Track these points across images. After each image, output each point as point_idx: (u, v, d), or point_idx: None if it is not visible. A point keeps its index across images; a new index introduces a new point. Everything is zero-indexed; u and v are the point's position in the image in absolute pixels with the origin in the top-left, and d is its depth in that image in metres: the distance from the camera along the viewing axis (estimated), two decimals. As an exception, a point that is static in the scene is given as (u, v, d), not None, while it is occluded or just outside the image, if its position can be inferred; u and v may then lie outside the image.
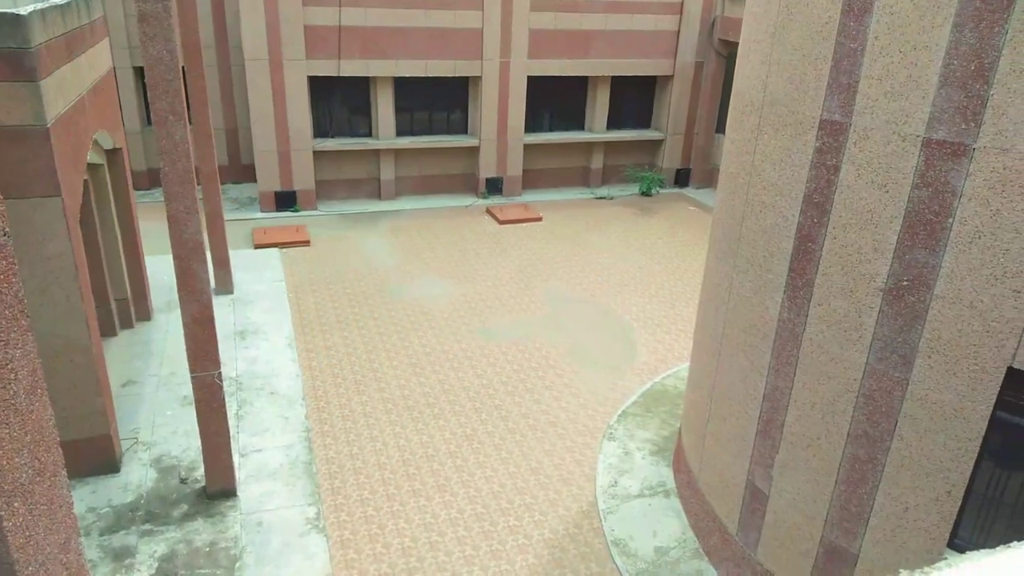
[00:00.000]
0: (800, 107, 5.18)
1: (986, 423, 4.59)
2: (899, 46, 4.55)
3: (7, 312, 1.58)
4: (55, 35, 7.42)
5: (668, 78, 18.90)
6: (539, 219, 16.80)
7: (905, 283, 4.71)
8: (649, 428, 9.30)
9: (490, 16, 16.61)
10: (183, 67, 8.99)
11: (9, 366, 1.56)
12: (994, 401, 4.53)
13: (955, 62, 4.30)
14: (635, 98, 19.44)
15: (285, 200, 16.54)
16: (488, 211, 17.19)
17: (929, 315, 4.63)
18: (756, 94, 5.72)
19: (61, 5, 7.81)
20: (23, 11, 6.75)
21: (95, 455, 7.89)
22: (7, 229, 1.70)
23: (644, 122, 19.84)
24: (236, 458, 8.23)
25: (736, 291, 6.21)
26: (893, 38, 4.58)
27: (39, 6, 7.26)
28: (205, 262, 6.65)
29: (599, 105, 18.83)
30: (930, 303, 4.62)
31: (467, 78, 17.48)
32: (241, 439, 8.69)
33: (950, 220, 4.43)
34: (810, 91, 5.07)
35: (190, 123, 8.13)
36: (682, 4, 18.00)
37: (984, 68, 4.18)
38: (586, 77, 18.56)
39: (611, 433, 9.15)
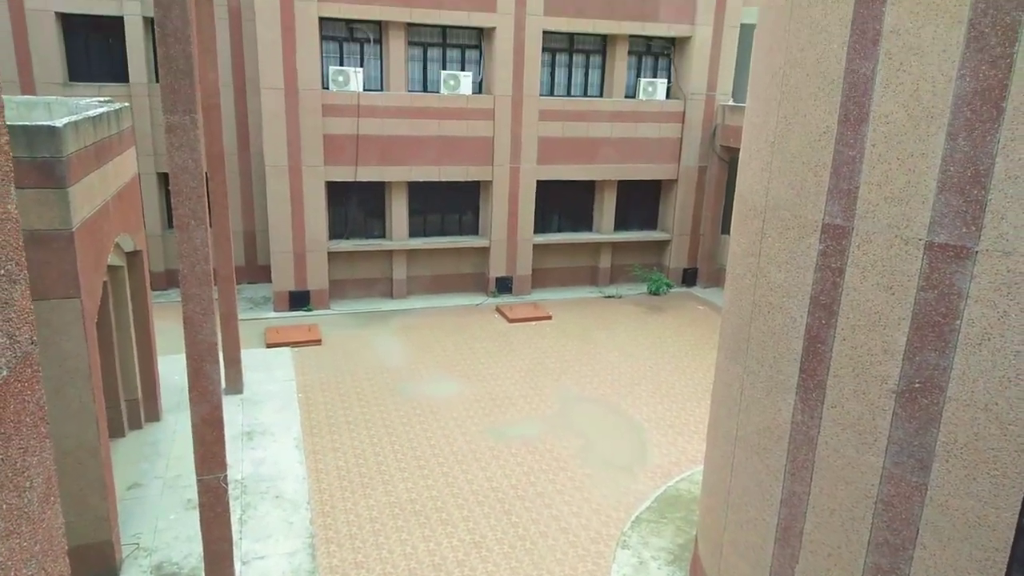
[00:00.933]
0: (802, 211, 5.32)
1: (1013, 531, 4.44)
2: (896, 154, 4.71)
3: (28, 419, 1.62)
4: (86, 144, 7.80)
5: (672, 182, 19.44)
6: (548, 317, 16.90)
7: (917, 385, 4.67)
8: (664, 535, 8.99)
9: (501, 126, 17.33)
10: (206, 173, 9.37)
11: (25, 474, 1.58)
12: (1019, 507, 4.40)
13: (951, 168, 4.44)
14: (641, 200, 19.94)
15: (299, 300, 16.77)
16: (498, 309, 17.33)
17: (944, 418, 4.57)
18: (758, 199, 5.88)
19: (94, 117, 8.26)
20: (59, 123, 7.14)
21: (94, 561, 7.68)
22: (35, 338, 1.76)
23: (651, 223, 20.26)
24: (238, 565, 7.98)
25: (748, 392, 6.17)
26: (890, 146, 4.75)
27: (73, 118, 7.68)
28: (217, 363, 6.70)
29: (606, 207, 19.30)
30: (944, 405, 4.57)
31: (478, 182, 18.05)
32: (244, 545, 8.46)
33: (958, 322, 4.45)
34: (811, 196, 5.21)
35: (210, 226, 8.39)
36: (683, 113, 18.76)
37: (980, 174, 4.31)
38: (593, 181, 19.13)
39: (624, 541, 8.85)
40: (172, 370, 12.39)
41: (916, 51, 4.53)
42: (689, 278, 20.08)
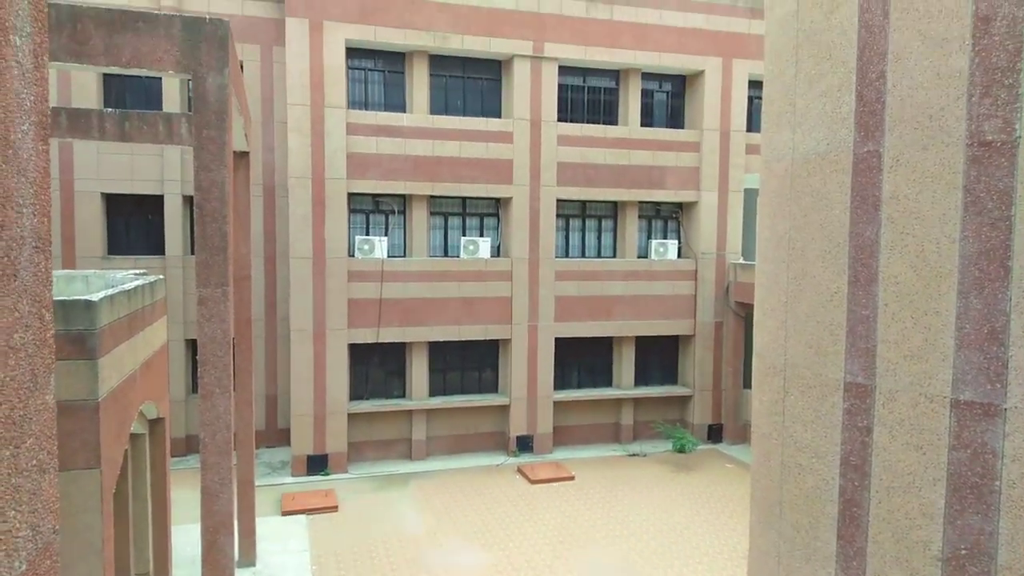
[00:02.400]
0: (822, 370, 5.32)
1: None
2: (910, 312, 4.79)
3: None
4: (119, 316, 8.11)
5: (690, 337, 19.56)
6: (571, 478, 16.40)
7: (963, 552, 4.43)
8: None
9: (518, 286, 17.83)
10: (233, 339, 9.62)
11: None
12: None
13: (967, 326, 4.49)
14: (660, 355, 19.97)
15: (317, 464, 16.50)
16: (519, 470, 16.89)
17: (999, 587, 4.29)
18: (777, 357, 5.91)
19: (129, 290, 8.64)
20: (95, 297, 7.47)
21: None
22: (57, 526, 1.78)
23: (671, 378, 20.15)
24: None
25: (785, 562, 5.85)
26: (903, 305, 4.83)
27: (109, 291, 8.04)
28: (232, 535, 6.53)
29: (625, 362, 19.31)
30: (996, 574, 4.31)
31: (497, 341, 18.27)
32: None
33: (997, 483, 4.30)
34: (830, 355, 5.24)
35: (233, 391, 8.49)
36: (696, 271, 19.24)
37: (997, 331, 4.34)
38: (611, 337, 19.29)
39: None
40: (185, 541, 12.01)
41: (917, 216, 4.73)
42: (714, 434, 19.62)
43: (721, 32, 18.94)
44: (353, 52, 17.04)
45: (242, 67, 16.52)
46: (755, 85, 19.21)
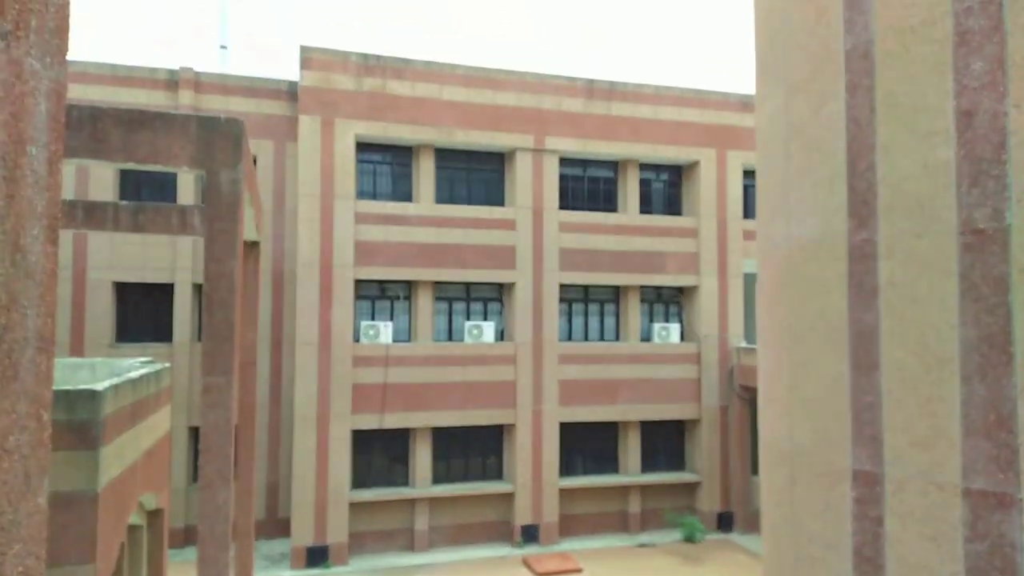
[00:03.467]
0: (830, 457, 5.23)
1: None
2: (914, 399, 4.75)
3: None
4: (123, 405, 8.08)
5: (696, 421, 19.29)
6: (579, 570, 15.82)
7: (989, 652, 4.23)
8: None
9: (522, 370, 17.75)
10: (236, 425, 9.54)
11: None
12: None
13: (973, 413, 4.44)
14: (666, 440, 19.63)
15: (317, 556, 16.00)
16: (525, 561, 16.32)
17: None
18: (783, 445, 5.82)
19: (135, 379, 8.65)
20: (99, 387, 7.47)
21: None
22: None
23: (678, 464, 19.73)
24: None
25: (802, 661, 5.58)
26: (906, 391, 4.80)
27: (114, 381, 8.05)
28: (226, 635, 6.29)
29: (631, 448, 18.97)
30: (1024, 676, 4.09)
31: (502, 426, 18.04)
32: None
33: (1017, 577, 4.15)
34: (836, 442, 5.16)
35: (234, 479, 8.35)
36: (699, 355, 19.17)
37: (1004, 419, 4.29)
38: (616, 422, 19.04)
39: None
40: (177, 641, 11.52)
41: (915, 302, 4.77)
42: (725, 523, 19.04)
43: (714, 125, 19.57)
44: (362, 146, 17.63)
45: (256, 161, 17.08)
46: (749, 174, 19.69)
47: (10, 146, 1.30)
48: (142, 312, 17.99)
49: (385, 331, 17.07)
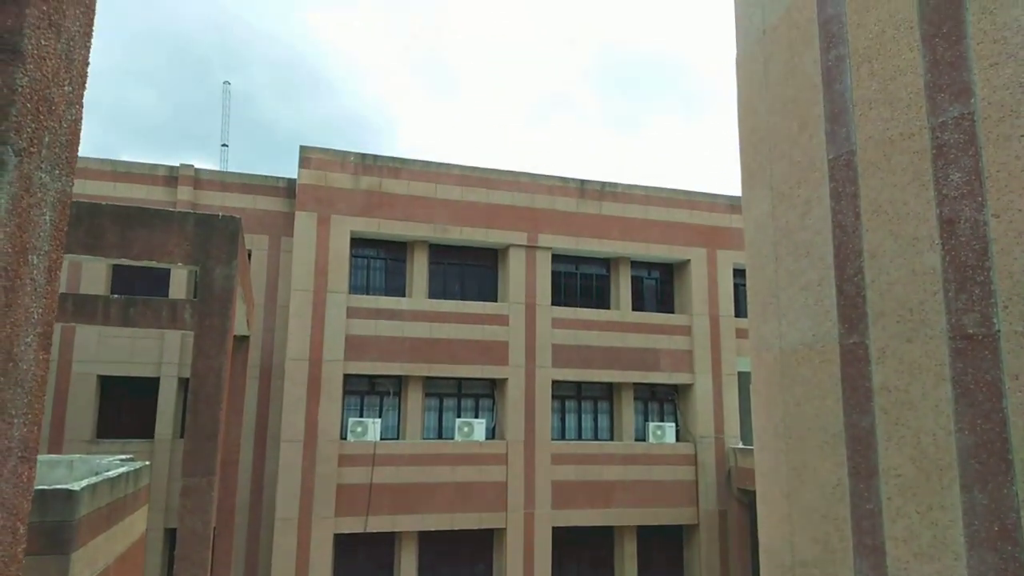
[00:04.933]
0: (832, 569, 5.05)
1: None
2: (915, 506, 4.64)
3: None
4: (99, 507, 7.79)
5: (694, 527, 18.71)
6: None
7: None
8: None
9: (514, 470, 17.34)
10: (214, 528, 9.17)
11: None
12: None
13: (976, 523, 4.33)
14: (664, 547, 18.96)
15: (292, 672, 15.06)
16: None
17: None
18: (784, 555, 5.63)
19: (113, 478, 8.38)
20: (76, 487, 7.22)
21: None
22: None
23: (677, 573, 18.98)
24: None
25: None
26: (906, 499, 4.70)
27: (92, 480, 7.78)
28: None
29: (627, 556, 18.29)
30: None
31: (492, 531, 17.42)
32: None
33: None
34: (838, 552, 5.00)
35: (208, 591, 7.94)
36: (695, 456, 18.83)
37: (1008, 530, 4.18)
38: (611, 527, 18.44)
39: None
40: None
41: (910, 407, 4.74)
42: (726, 636, 18.15)
43: (704, 225, 20.04)
44: (357, 241, 17.88)
45: (250, 255, 17.24)
46: (740, 274, 19.99)
47: (12, 256, 1.31)
48: (125, 407, 17.64)
49: (373, 428, 16.75)
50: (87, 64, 1.61)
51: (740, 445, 18.87)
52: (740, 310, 20.12)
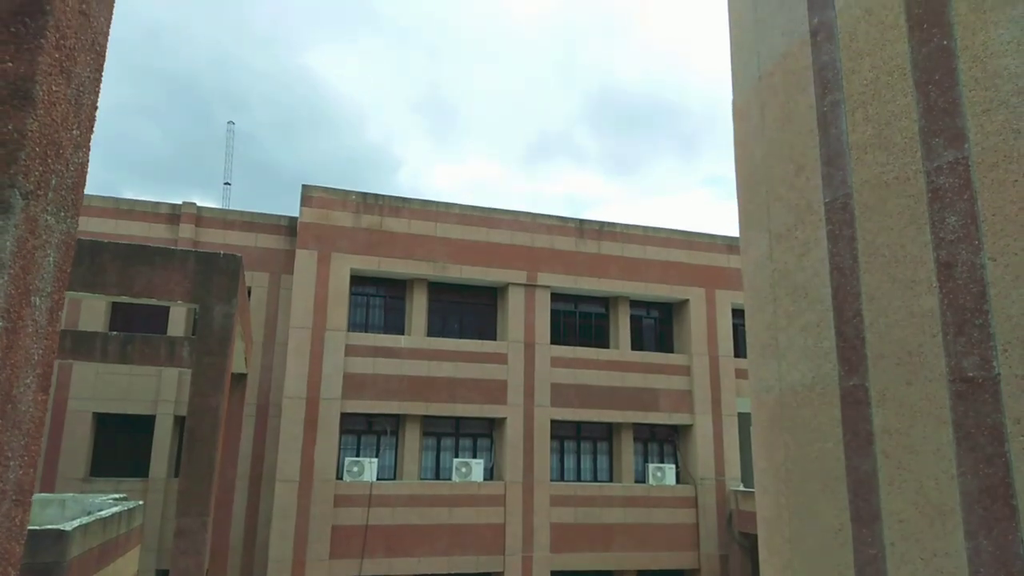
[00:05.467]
0: (837, 616, 4.95)
1: None
2: (918, 552, 4.57)
3: None
4: (91, 547, 7.66)
5: (695, 572, 18.37)
6: None
7: None
8: None
9: (512, 512, 17.10)
10: (207, 570, 9.00)
11: None
12: None
13: (982, 570, 4.26)
14: (665, 592, 18.61)
15: None
16: None
17: None
18: (788, 601, 5.52)
19: (106, 518, 8.26)
20: (68, 527, 7.12)
21: None
22: None
23: (678, 619, 18.60)
24: None
25: None
26: (909, 545, 4.63)
27: (84, 520, 7.68)
28: None
29: (628, 600, 17.95)
30: None
31: (489, 575, 17.10)
32: None
33: None
34: (842, 599, 4.91)
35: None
36: (696, 499, 18.59)
37: (1014, 576, 4.11)
38: (611, 572, 18.10)
39: None
40: None
41: (911, 450, 4.70)
42: None
43: (702, 265, 20.11)
44: (357, 279, 17.92)
45: (250, 292, 17.26)
46: (739, 314, 20.00)
47: (16, 298, 1.31)
48: (120, 445, 17.47)
49: (370, 468, 16.56)
50: (95, 108, 1.64)
51: (741, 487, 18.64)
52: (740, 350, 20.06)
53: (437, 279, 18.27)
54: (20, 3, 1.39)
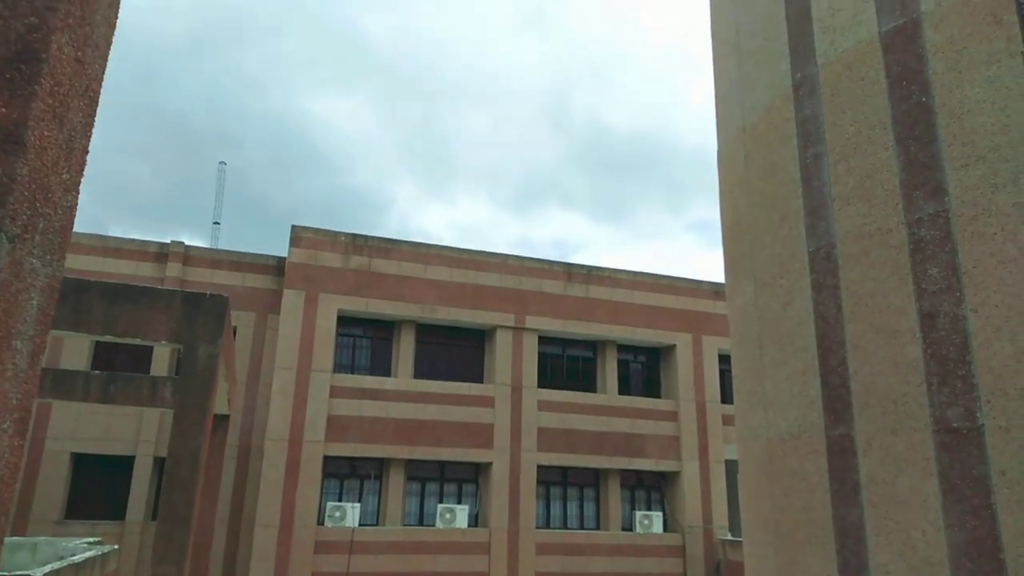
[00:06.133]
0: (826, 672, 4.86)
1: None
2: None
3: None
4: (61, 594, 7.42)
5: (684, 623, 18.03)
6: None
7: None
8: None
9: (496, 561, 16.80)
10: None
11: None
12: None
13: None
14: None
15: None
16: None
17: None
18: (776, 656, 5.41)
19: (77, 563, 8.02)
20: (38, 572, 6.90)
21: None
22: None
23: (665, 672, 18.16)
24: None
25: None
26: (898, 599, 4.57)
27: (56, 565, 7.45)
28: None
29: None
30: None
31: (472, 625, 16.70)
32: None
33: None
34: (831, 655, 4.82)
35: None
36: (683, 547, 18.33)
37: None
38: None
39: None
40: None
41: (898, 500, 4.68)
42: None
43: (689, 310, 20.21)
44: (344, 320, 17.85)
45: (235, 332, 17.13)
46: (725, 359, 20.01)
47: (-3, 341, 1.30)
48: (97, 487, 17.07)
49: (352, 513, 16.24)
50: (87, 152, 1.65)
51: (729, 536, 18.41)
52: (727, 396, 20.04)
53: (425, 321, 18.23)
54: (16, 50, 1.40)
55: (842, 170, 5.03)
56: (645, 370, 20.44)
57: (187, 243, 18.44)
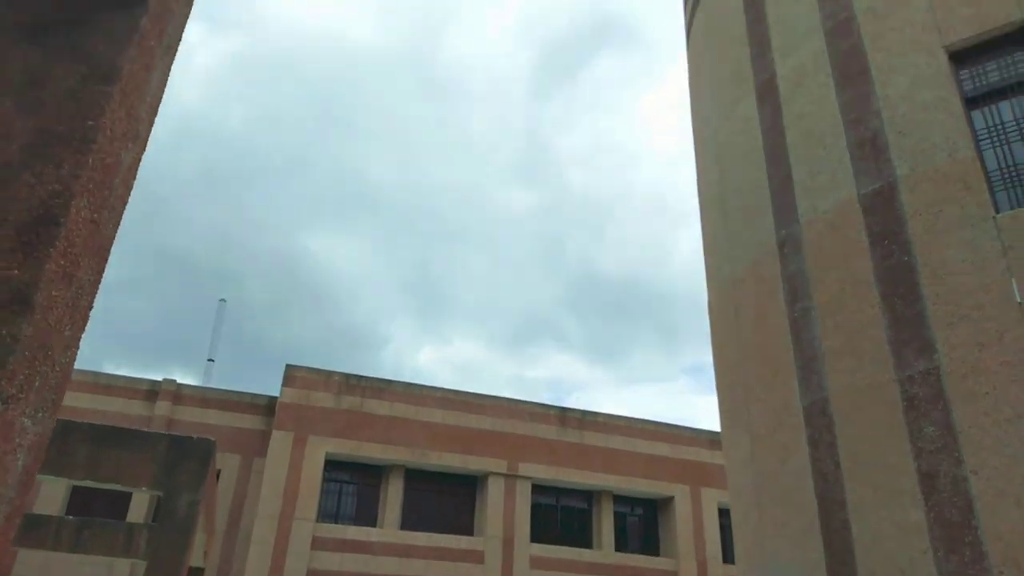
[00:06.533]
0: None
1: None
2: None
3: None
4: None
5: None
6: None
7: None
8: None
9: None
10: None
11: None
12: None
13: None
14: None
15: None
16: None
17: None
18: None
19: None
20: None
21: None
22: None
23: None
24: None
25: None
26: None
27: None
28: None
29: None
30: None
31: None
32: None
33: None
34: None
35: None
36: None
37: None
38: None
39: None
40: None
41: None
42: None
43: (687, 460, 19.74)
44: (331, 464, 17.34)
45: (219, 475, 16.57)
46: (725, 513, 19.29)
47: (-26, 505, 1.28)
48: None
49: None
50: (91, 308, 1.67)
51: None
52: (728, 554, 19.11)
53: (415, 466, 17.72)
54: (37, 215, 1.46)
55: (830, 325, 5.11)
56: (642, 523, 19.62)
57: (179, 381, 18.26)
